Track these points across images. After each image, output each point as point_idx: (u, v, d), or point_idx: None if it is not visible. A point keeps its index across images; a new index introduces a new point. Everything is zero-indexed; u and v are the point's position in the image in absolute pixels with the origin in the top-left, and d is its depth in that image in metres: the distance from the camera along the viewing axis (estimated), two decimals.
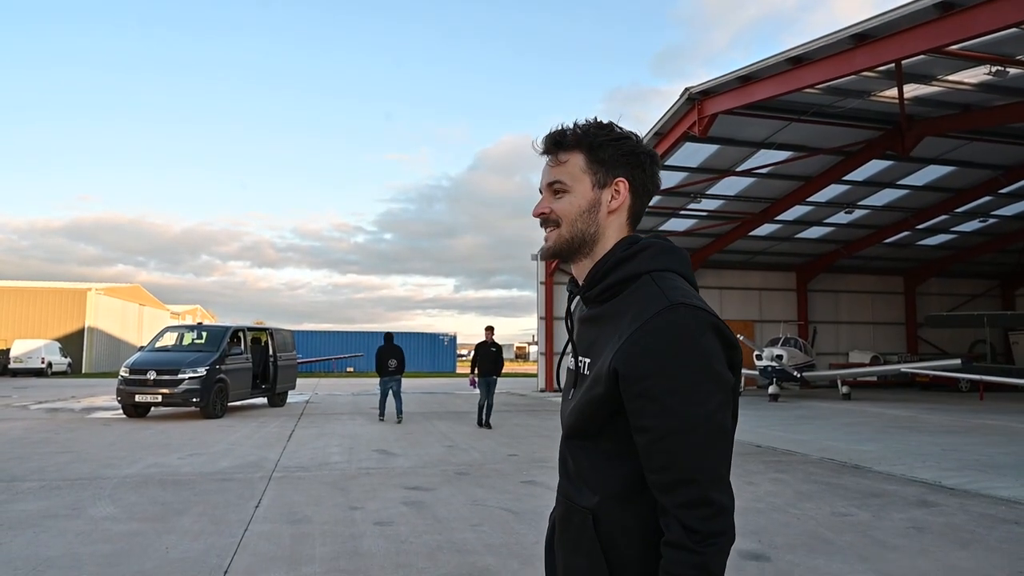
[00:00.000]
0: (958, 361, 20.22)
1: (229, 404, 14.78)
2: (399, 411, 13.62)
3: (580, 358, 1.41)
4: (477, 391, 13.22)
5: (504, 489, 7.23)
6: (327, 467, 8.49)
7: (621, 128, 1.42)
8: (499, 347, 13.16)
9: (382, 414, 13.85)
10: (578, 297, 1.50)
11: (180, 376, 13.62)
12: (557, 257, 1.44)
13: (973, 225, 23.03)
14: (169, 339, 15.86)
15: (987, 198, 19.96)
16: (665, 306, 1.22)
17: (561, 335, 23.98)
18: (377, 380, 14.25)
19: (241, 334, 15.75)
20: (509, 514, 6.11)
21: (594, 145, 1.39)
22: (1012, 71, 11.49)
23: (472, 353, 13.31)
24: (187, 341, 15.71)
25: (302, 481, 7.57)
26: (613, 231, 1.40)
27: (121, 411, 14.13)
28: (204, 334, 15.63)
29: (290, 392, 18.62)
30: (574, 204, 1.39)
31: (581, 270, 1.43)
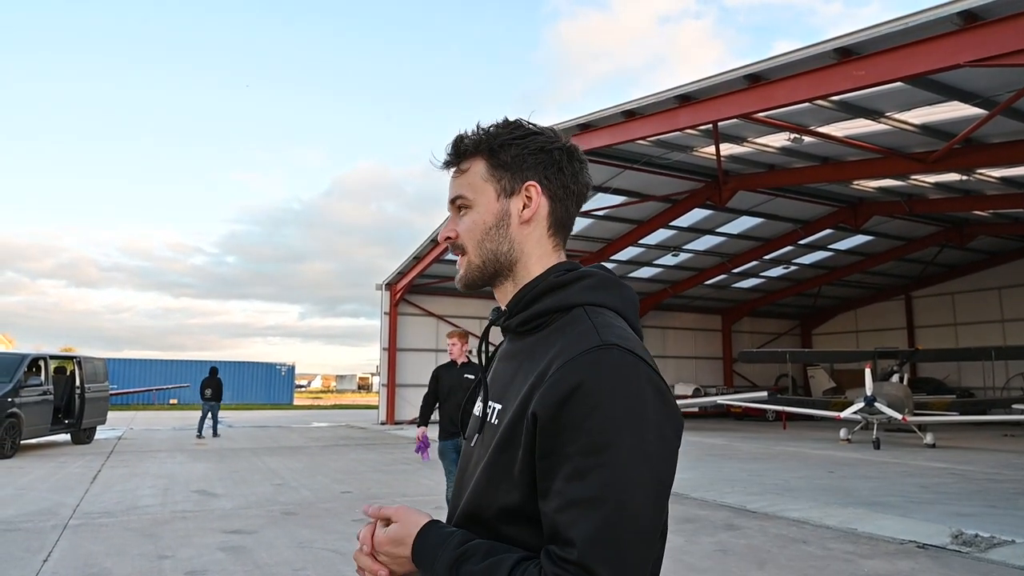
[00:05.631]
0: (764, 393, 22.40)
1: (23, 442, 13.10)
2: (214, 428, 17.44)
3: (491, 403, 1.12)
4: (427, 460, 7.18)
5: (333, 529, 6.97)
6: (136, 511, 7.74)
7: (533, 124, 1.18)
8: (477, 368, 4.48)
9: (200, 432, 17.00)
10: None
11: None
12: (473, 288, 1.19)
13: (778, 271, 25.85)
14: None
15: (789, 248, 22.51)
16: (596, 345, 0.98)
17: (406, 367, 23.71)
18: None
19: (42, 362, 14.06)
20: (336, 555, 5.90)
21: (495, 147, 1.15)
22: (807, 139, 13.14)
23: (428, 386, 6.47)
24: None
25: (104, 528, 6.84)
26: (532, 245, 1.16)
27: None
28: None
29: (100, 427, 16.85)
30: (478, 222, 1.15)
31: (505, 296, 1.18)
